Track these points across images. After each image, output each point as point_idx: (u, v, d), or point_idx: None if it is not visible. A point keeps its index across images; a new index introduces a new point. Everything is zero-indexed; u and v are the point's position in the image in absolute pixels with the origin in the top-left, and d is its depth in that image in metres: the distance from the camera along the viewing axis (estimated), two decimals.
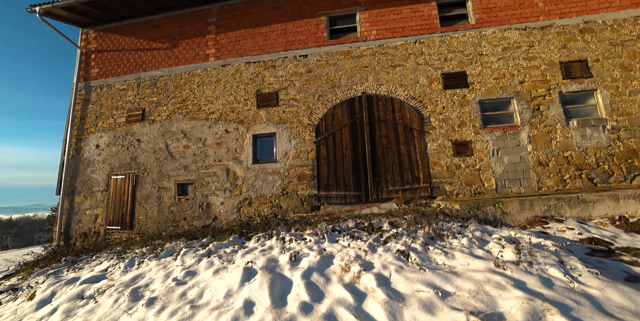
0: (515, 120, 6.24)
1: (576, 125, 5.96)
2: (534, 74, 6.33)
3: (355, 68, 6.98)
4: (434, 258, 3.40)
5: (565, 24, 6.42)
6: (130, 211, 7.22)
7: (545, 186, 5.84)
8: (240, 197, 6.76)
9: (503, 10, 6.70)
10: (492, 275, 2.81)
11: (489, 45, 6.61)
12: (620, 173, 5.66)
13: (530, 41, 6.48)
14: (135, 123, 7.73)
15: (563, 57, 6.29)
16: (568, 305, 2.28)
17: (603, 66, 6.12)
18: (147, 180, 7.33)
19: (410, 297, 2.64)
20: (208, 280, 3.45)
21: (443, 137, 6.34)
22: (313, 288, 2.96)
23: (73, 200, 7.59)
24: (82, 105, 8.19)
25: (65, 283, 4.06)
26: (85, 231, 7.35)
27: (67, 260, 5.30)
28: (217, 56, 7.67)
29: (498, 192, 5.96)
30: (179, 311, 2.86)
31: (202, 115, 7.39)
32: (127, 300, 3.27)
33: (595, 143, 5.85)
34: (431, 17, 6.94)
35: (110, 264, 4.57)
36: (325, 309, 2.55)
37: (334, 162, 6.51)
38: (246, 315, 2.61)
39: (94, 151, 7.80)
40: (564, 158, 5.89)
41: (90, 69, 8.39)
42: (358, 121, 6.62)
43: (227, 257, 4.09)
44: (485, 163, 6.10)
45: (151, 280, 3.73)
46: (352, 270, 3.26)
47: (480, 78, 6.49)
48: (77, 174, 7.75)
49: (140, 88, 7.94)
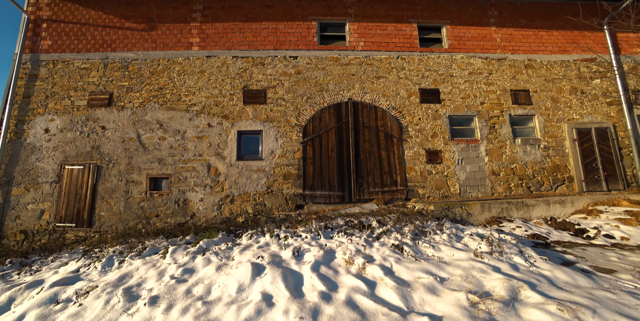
0: (476, 135, 7.31)
1: (520, 143, 7.26)
2: (492, 97, 7.51)
3: (343, 75, 7.37)
4: (424, 251, 3.91)
5: (515, 58, 7.77)
6: (89, 206, 6.41)
7: (497, 192, 6.97)
8: (222, 193, 6.55)
9: (470, 40, 7.81)
10: (475, 263, 3.39)
11: (458, 69, 7.63)
12: (548, 184, 7.08)
13: (489, 69, 7.68)
14: (100, 108, 6.90)
15: (513, 86, 7.60)
16: (533, 283, 2.93)
17: (540, 96, 7.58)
18: (113, 173, 6.60)
19: (414, 283, 3.04)
20: (212, 276, 3.40)
21: (418, 146, 7.09)
22: (325, 279, 3.18)
23: (9, 192, 6.42)
24: (26, 81, 6.99)
25: (26, 288, 3.54)
26: (25, 229, 6.27)
27: (13, 262, 4.54)
28: (202, 46, 7.32)
29: (461, 196, 6.90)
30: (190, 308, 2.81)
31: (182, 106, 6.97)
32: (122, 300, 3.05)
33: (533, 158, 7.20)
34: (412, 37, 7.72)
35: (82, 264, 4.10)
36: (344, 296, 2.80)
37: (320, 162, 6.77)
38: (268, 306, 2.71)
39: (41, 136, 6.72)
40: (510, 169, 7.11)
41: (41, 40, 7.21)
42: (344, 125, 7.01)
43: (224, 254, 4.04)
44: (452, 170, 7.01)
45: (143, 279, 3.50)
46: (356, 263, 3.56)
47: (450, 96, 7.45)
48: (15, 162, 6.57)
49: (107, 70, 7.12)
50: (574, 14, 7.40)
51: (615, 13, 7.19)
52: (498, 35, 7.87)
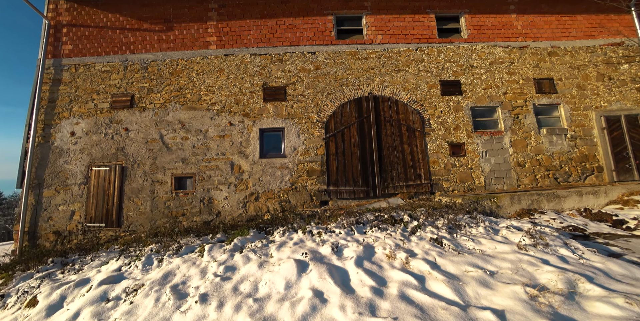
0: (499, 126, 7.16)
1: (546, 133, 7.08)
2: (514, 87, 7.33)
3: (362, 69, 7.28)
4: (464, 244, 3.86)
5: (538, 46, 7.55)
6: (117, 207, 6.53)
7: (523, 184, 6.84)
8: (247, 191, 6.59)
9: (490, 29, 7.61)
10: (520, 255, 3.33)
11: (479, 59, 7.45)
12: (577, 174, 6.90)
13: (511, 58, 7.48)
14: (122, 110, 6.98)
15: (536, 75, 7.40)
16: (589, 275, 2.86)
17: (565, 84, 7.36)
18: (138, 173, 6.70)
19: (463, 277, 3.00)
20: (255, 273, 3.42)
21: (441, 138, 6.99)
22: (372, 274, 3.16)
23: (41, 195, 6.58)
24: (50, 86, 7.10)
25: (75, 286, 3.63)
26: (57, 229, 6.44)
27: (54, 261, 4.66)
28: (219, 44, 7.31)
29: (486, 188, 6.79)
30: (242, 305, 2.83)
31: (203, 106, 7.00)
32: (172, 298, 3.10)
33: (559, 148, 7.03)
34: (430, 28, 7.56)
35: (122, 263, 4.17)
36: (396, 291, 2.78)
37: (343, 158, 6.74)
38: (322, 302, 2.71)
39: (68, 139, 6.84)
40: (536, 160, 6.96)
41: (62, 45, 7.30)
42: (365, 120, 6.94)
43: (261, 251, 4.06)
44: (476, 163, 6.90)
45: (187, 277, 3.55)
46: (398, 257, 3.53)
47: (472, 87, 7.29)
48: (45, 165, 6.72)
49: (127, 72, 7.18)
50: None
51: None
52: (519, 23, 7.64)
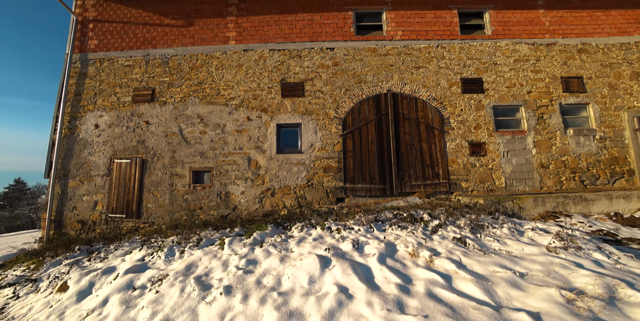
0: (522, 126, 6.93)
1: (572, 134, 6.81)
2: (540, 85, 7.07)
3: (381, 66, 7.17)
4: (489, 244, 3.75)
5: (567, 43, 7.24)
6: (137, 198, 6.69)
7: (546, 185, 6.60)
8: (263, 187, 6.63)
9: (515, 25, 7.35)
10: (551, 258, 3.20)
11: (503, 56, 7.22)
12: (605, 177, 6.61)
13: (537, 55, 7.21)
14: (144, 104, 7.13)
15: (564, 73, 7.11)
16: (629, 281, 2.71)
17: (595, 83, 7.04)
18: (158, 166, 6.84)
19: (491, 277, 2.91)
20: (277, 267, 3.43)
21: (460, 137, 6.82)
22: (396, 271, 3.11)
23: (66, 185, 6.81)
24: (77, 80, 7.33)
25: (102, 273, 3.73)
26: (82, 219, 6.65)
27: (81, 249, 4.82)
28: (239, 40, 7.35)
29: (507, 189, 6.60)
30: (267, 299, 2.83)
31: (222, 100, 7.06)
32: (197, 289, 3.14)
33: (587, 150, 6.74)
34: (452, 24, 7.37)
35: (145, 253, 4.27)
36: (423, 289, 2.72)
37: (360, 155, 6.67)
38: (348, 298, 2.68)
39: (92, 131, 7.05)
40: (561, 162, 6.70)
41: (88, 40, 7.51)
42: (384, 117, 6.84)
43: (281, 246, 4.07)
44: (496, 163, 6.70)
45: (209, 269, 3.59)
46: (422, 255, 3.47)
47: (494, 85, 7.08)
48: (70, 156, 6.95)
49: (149, 67, 7.32)
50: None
51: None
52: (547, 19, 7.35)
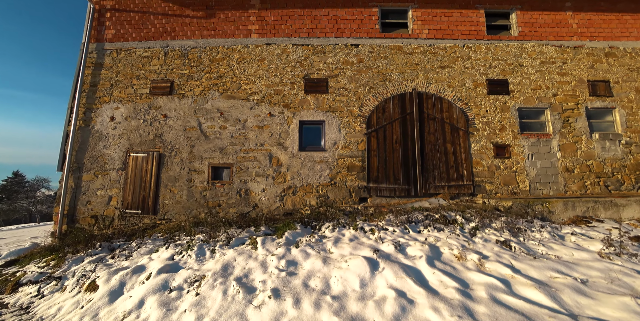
0: (547, 129, 6.85)
1: (598, 138, 6.74)
2: (566, 88, 6.98)
3: (407, 64, 7.04)
4: (535, 249, 3.64)
5: (594, 46, 7.17)
6: (153, 194, 6.50)
7: (570, 190, 6.53)
8: (284, 184, 6.47)
9: (542, 27, 7.26)
10: (608, 264, 3.09)
11: (529, 58, 7.12)
12: (630, 183, 6.55)
13: (564, 58, 7.12)
14: (162, 97, 6.94)
15: (590, 76, 7.03)
16: None
17: (622, 88, 6.98)
18: (175, 161, 6.65)
19: (551, 283, 2.80)
20: (322, 269, 3.29)
21: (485, 139, 6.72)
22: (449, 275, 2.99)
23: (80, 178, 6.60)
24: (93, 70, 7.11)
25: (133, 273, 3.56)
26: (95, 214, 6.45)
27: (102, 245, 4.63)
28: (261, 33, 7.17)
29: (531, 193, 6.51)
30: (321, 303, 2.70)
31: (243, 95, 6.89)
32: (241, 292, 2.99)
33: (612, 155, 6.68)
34: (479, 24, 7.26)
35: (173, 252, 4.10)
36: (485, 294, 2.60)
37: (384, 154, 6.55)
38: (410, 303, 2.56)
39: (107, 123, 6.84)
40: (586, 166, 6.63)
41: (105, 30, 7.29)
42: (408, 116, 6.72)
43: (318, 247, 3.93)
44: (521, 166, 6.61)
45: (248, 270, 3.44)
46: (469, 258, 3.35)
47: (520, 87, 6.98)
48: (85, 148, 6.74)
49: (168, 58, 7.12)
50: None
51: None
52: (574, 21, 7.27)
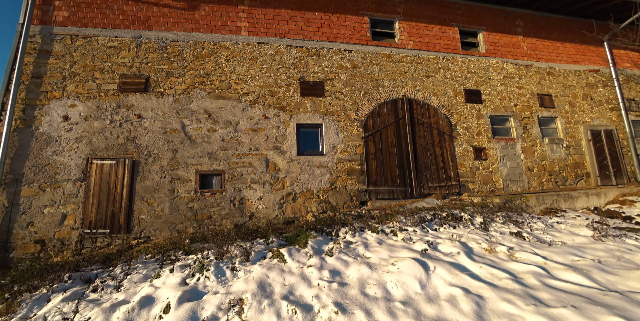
0: (512, 134, 7.88)
1: (547, 142, 8.01)
2: (523, 100, 8.18)
3: (396, 72, 7.40)
4: (542, 237, 4.06)
5: (540, 66, 8.59)
6: (126, 208, 5.44)
7: (532, 186, 7.58)
8: (283, 191, 6.08)
9: (503, 46, 8.43)
10: (605, 245, 3.64)
11: (495, 72, 8.17)
12: (572, 179, 7.91)
13: (520, 74, 8.36)
14: (134, 94, 5.94)
15: (539, 90, 8.38)
16: None
17: (560, 101, 8.47)
18: (154, 169, 5.71)
19: (576, 265, 3.13)
20: (371, 275, 3.13)
21: (466, 143, 7.41)
22: (495, 267, 3.12)
23: (17, 193, 5.16)
24: (35, 58, 5.73)
25: (140, 307, 2.90)
26: (42, 237, 5.09)
27: (72, 277, 3.64)
28: (252, 31, 6.75)
29: (504, 190, 7.36)
30: (395, 311, 2.56)
31: (234, 95, 6.33)
32: (299, 312, 2.67)
33: (558, 156, 8.00)
34: (455, 40, 8.07)
35: (183, 275, 3.44)
36: (537, 281, 2.80)
37: (382, 158, 6.68)
38: (480, 298, 2.57)
39: (59, 124, 5.55)
40: (541, 165, 7.80)
41: (54, 10, 5.98)
42: (401, 121, 7.02)
43: (351, 253, 3.75)
44: (495, 166, 7.45)
45: (290, 286, 3.08)
46: (499, 250, 3.58)
47: (490, 97, 7.93)
48: (24, 155, 5.32)
49: (141, 51, 6.16)
50: (583, 29, 8.45)
51: (615, 31, 8.39)
52: (525, 44, 8.62)
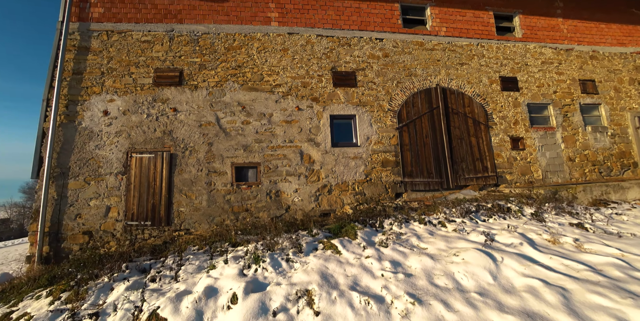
0: (552, 123, 7.49)
1: (590, 130, 7.57)
2: (563, 86, 7.73)
3: (429, 60, 7.13)
4: (607, 229, 3.83)
5: (581, 49, 8.07)
6: (165, 201, 5.54)
7: (574, 177, 7.21)
8: (319, 183, 6.02)
9: (541, 30, 7.96)
10: None
11: (532, 58, 7.74)
12: (617, 169, 7.47)
13: (559, 59, 7.89)
14: (169, 88, 5.98)
15: (580, 76, 7.89)
16: None
17: (604, 86, 7.95)
18: (190, 162, 5.77)
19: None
20: (435, 266, 3.03)
21: (503, 132, 7.09)
22: (567, 258, 2.95)
23: (65, 186, 5.34)
24: (75, 55, 5.85)
25: (207, 297, 2.89)
26: (89, 229, 5.26)
27: (129, 267, 3.72)
28: (282, 22, 6.64)
29: (544, 181, 7.03)
30: (474, 302, 2.47)
31: (266, 87, 6.28)
32: (372, 303, 2.58)
33: (602, 145, 7.55)
34: (489, 25, 7.68)
35: (240, 266, 3.44)
36: (621, 274, 2.61)
37: (416, 149, 6.50)
38: (564, 290, 2.43)
39: (100, 119, 5.67)
40: (584, 155, 7.39)
41: (90, 7, 6.06)
42: (435, 111, 6.79)
43: (405, 244, 3.65)
44: (534, 157, 7.11)
45: (353, 277, 3.03)
46: (563, 241, 3.39)
47: (527, 84, 7.54)
48: (70, 149, 5.48)
49: (174, 44, 6.18)
50: (631, 8, 7.84)
51: None
52: (565, 26, 8.11)
